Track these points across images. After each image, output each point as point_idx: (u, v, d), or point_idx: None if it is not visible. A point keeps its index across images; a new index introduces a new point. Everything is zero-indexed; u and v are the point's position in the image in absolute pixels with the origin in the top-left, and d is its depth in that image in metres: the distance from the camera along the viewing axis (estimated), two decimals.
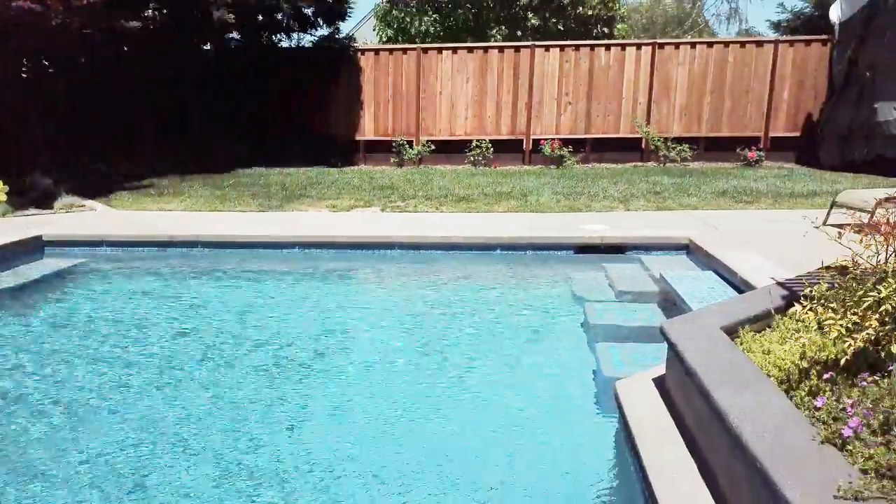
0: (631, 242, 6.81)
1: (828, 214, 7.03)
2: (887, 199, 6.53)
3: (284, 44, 15.62)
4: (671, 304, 5.28)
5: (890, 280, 2.42)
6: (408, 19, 15.99)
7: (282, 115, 14.95)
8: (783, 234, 6.67)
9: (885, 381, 2.22)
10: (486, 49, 14.58)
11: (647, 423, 2.97)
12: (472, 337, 5.10)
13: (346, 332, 5.34)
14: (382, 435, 3.65)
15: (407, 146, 14.47)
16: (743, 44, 14.14)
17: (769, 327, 3.34)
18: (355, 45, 14.99)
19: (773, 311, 3.35)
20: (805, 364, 2.71)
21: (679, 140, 13.82)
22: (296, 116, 14.99)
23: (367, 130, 15.05)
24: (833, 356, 2.63)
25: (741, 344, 3.10)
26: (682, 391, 2.94)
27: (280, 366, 4.59)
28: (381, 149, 14.85)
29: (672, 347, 3.02)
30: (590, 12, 15.88)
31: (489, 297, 6.03)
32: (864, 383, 2.29)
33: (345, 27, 16.36)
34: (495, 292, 6.18)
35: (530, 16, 15.51)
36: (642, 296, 5.58)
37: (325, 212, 8.74)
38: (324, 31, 15.53)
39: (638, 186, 9.93)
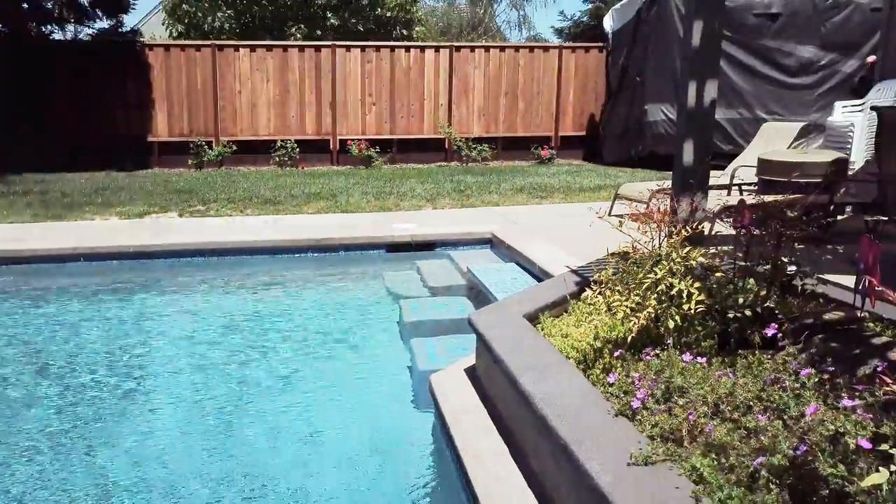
0: (439, 239, 7.01)
1: (611, 206, 7.72)
2: (659, 191, 7.34)
3: (58, 36, 14.11)
4: (479, 295, 5.52)
5: (664, 262, 2.71)
6: (200, 14, 15.14)
7: (59, 115, 13.47)
8: (575, 225, 7.23)
9: (664, 353, 2.48)
10: (285, 48, 14.23)
11: (461, 413, 3.07)
12: (287, 343, 4.94)
13: (143, 349, 4.93)
14: (192, 445, 3.42)
15: (206, 147, 13.71)
16: (532, 49, 15.15)
17: (566, 312, 3.60)
18: (142, 39, 13.92)
19: (568, 297, 3.62)
20: (598, 344, 2.95)
21: (479, 140, 14.49)
22: (78, 117, 13.58)
23: (161, 131, 14.04)
24: (621, 335, 2.89)
25: (542, 329, 3.31)
26: (491, 379, 3.08)
27: (68, 389, 4.13)
28: (177, 150, 13.92)
29: (480, 337, 3.15)
30: (388, 14, 16.12)
31: (303, 301, 5.89)
32: (648, 357, 2.55)
33: (130, 21, 15.13)
34: (309, 295, 6.04)
35: (329, 15, 15.39)
36: (452, 289, 5.77)
37: (115, 219, 8.02)
38: (104, 23, 14.26)
39: (444, 185, 10.25)
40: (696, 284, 2.64)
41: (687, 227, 2.89)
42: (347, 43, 14.55)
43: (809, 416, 1.79)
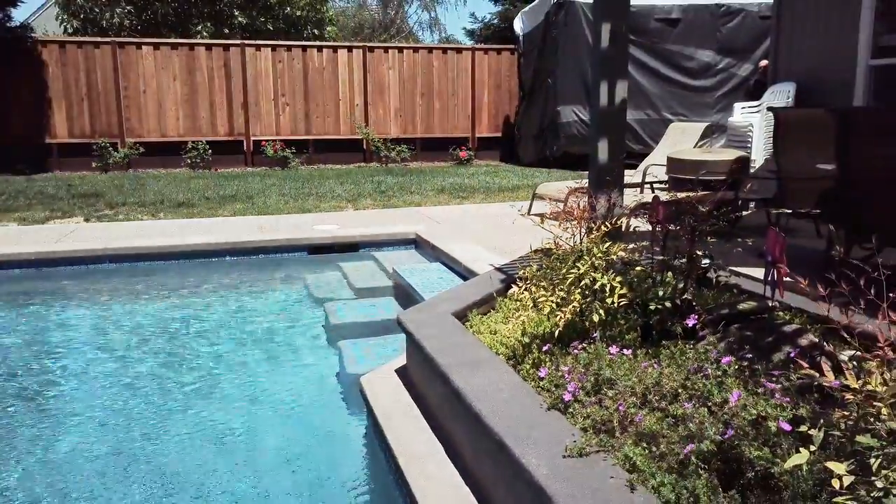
0: (363, 240, 6.95)
1: (530, 205, 7.89)
2: (576, 189, 7.54)
3: None
4: (406, 295, 5.49)
5: (586, 258, 2.78)
6: (97, 10, 14.40)
7: None
8: (496, 224, 7.33)
9: (592, 346, 2.54)
10: (192, 46, 13.75)
11: (393, 413, 3.05)
12: (206, 351, 4.77)
13: (45, 363, 4.64)
14: (115, 459, 3.25)
15: (111, 149, 13.07)
16: (445, 50, 15.26)
17: (494, 309, 3.64)
18: (34, 35, 13.11)
19: (495, 294, 3.66)
20: (526, 339, 3.00)
21: (397, 141, 14.47)
22: None
23: (60, 132, 13.28)
24: (548, 329, 2.95)
25: (471, 327, 3.33)
26: (423, 377, 3.07)
27: None
28: (79, 152, 13.21)
29: (410, 336, 3.14)
30: (298, 13, 15.84)
31: (222, 307, 5.69)
32: (576, 351, 2.61)
33: (19, 15, 14.19)
34: (229, 302, 5.85)
35: (237, 13, 14.98)
36: (379, 290, 5.72)
37: (14, 226, 7.52)
38: None
39: (364, 186, 10.16)
40: (618, 279, 2.73)
41: (606, 224, 2.98)
42: (257, 42, 14.21)
43: (733, 402, 1.88)
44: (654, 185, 7.75)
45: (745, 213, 6.74)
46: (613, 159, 3.85)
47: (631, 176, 8.38)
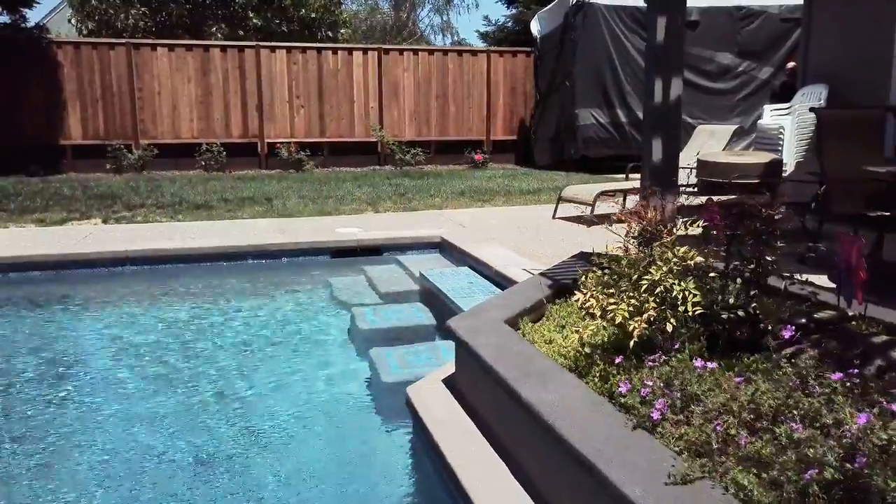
0: (387, 243, 6.76)
1: (556, 208, 7.70)
2: (603, 193, 7.35)
3: None
4: (435, 301, 5.30)
5: (659, 263, 2.59)
6: (111, 11, 14.27)
7: None
8: (522, 227, 7.14)
9: (674, 359, 2.35)
10: (206, 47, 13.62)
11: (446, 425, 2.86)
12: (230, 361, 4.56)
13: (68, 368, 4.46)
14: (142, 471, 3.06)
15: (125, 150, 12.93)
16: (460, 52, 15.09)
17: (544, 317, 3.45)
18: (49, 36, 12.99)
19: (545, 301, 3.47)
20: (587, 350, 2.80)
21: (412, 144, 14.29)
22: None
23: (75, 134, 13.15)
24: (609, 339, 2.76)
25: (524, 336, 3.14)
26: (478, 389, 2.88)
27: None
28: (94, 154, 13.07)
29: (463, 346, 2.95)
30: (313, 14, 15.69)
31: (245, 313, 5.50)
32: (651, 363, 2.41)
33: (34, 16, 14.09)
34: (251, 306, 5.66)
35: (251, 15, 14.83)
36: (406, 295, 5.53)
37: (32, 227, 7.36)
38: (4, 18, 13.26)
39: (382, 189, 9.99)
40: (693, 285, 2.54)
41: (675, 226, 2.78)
42: (272, 44, 14.07)
43: (861, 424, 1.68)
44: (684, 189, 7.55)
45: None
46: (668, 160, 3.66)
47: None
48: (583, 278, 3.03)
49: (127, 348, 4.73)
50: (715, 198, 5.81)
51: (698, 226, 3.16)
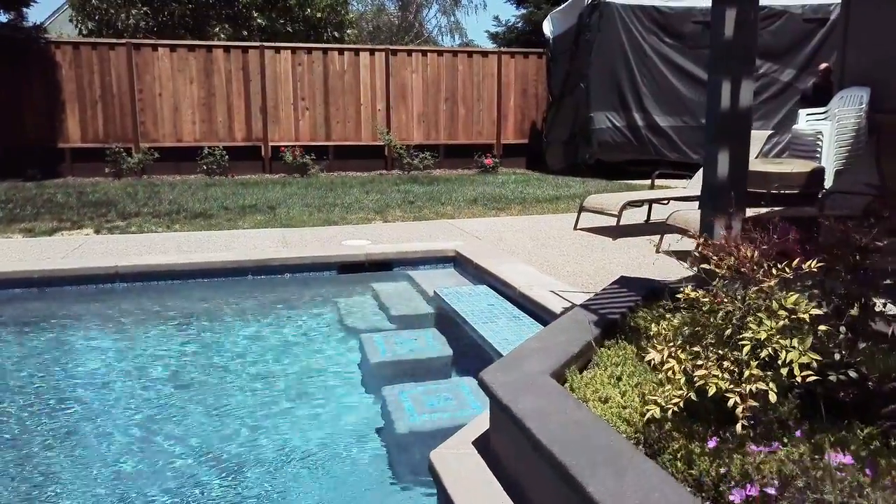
0: (397, 257, 6.18)
1: (577, 219, 7.12)
2: (630, 204, 6.76)
3: None
4: (451, 325, 4.73)
5: (760, 315, 2.00)
6: (112, 11, 13.73)
7: None
8: (542, 240, 6.57)
9: (803, 447, 1.76)
10: (209, 48, 13.07)
11: None
12: (219, 402, 3.95)
13: (54, 399, 3.89)
14: None
15: (125, 154, 12.39)
16: (470, 53, 14.51)
17: (591, 362, 2.87)
18: (47, 36, 12.45)
19: (594, 344, 2.89)
20: (656, 414, 2.22)
21: (420, 147, 13.73)
22: None
23: (74, 136, 12.62)
24: (688, 401, 2.18)
25: (574, 391, 2.56)
26: (524, 466, 2.31)
27: None
28: (93, 157, 12.54)
29: (503, 409, 2.37)
30: (318, 14, 15.12)
31: (242, 340, 4.91)
32: (762, 448, 1.82)
33: (35, 16, 13.56)
34: (249, 333, 5.06)
35: (255, 15, 14.27)
36: (418, 319, 4.96)
37: (18, 238, 6.81)
38: (2, 17, 12.74)
39: (391, 196, 9.42)
40: (808, 344, 1.95)
41: (779, 267, 2.19)
42: (277, 44, 13.51)
43: None
44: (695, 197, 6.96)
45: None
46: (735, 175, 3.08)
47: (685, 188, 7.60)
48: (643, 321, 2.45)
49: (105, 379, 4.16)
50: (755, 211, 5.18)
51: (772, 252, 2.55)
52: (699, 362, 1.99)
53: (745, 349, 1.92)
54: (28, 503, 2.88)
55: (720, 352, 2.02)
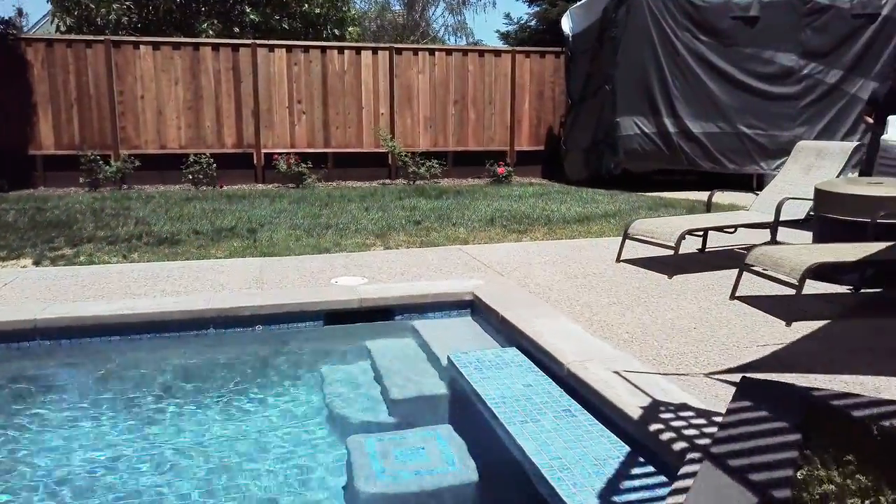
0: (399, 302, 4.78)
1: (621, 249, 5.73)
2: (691, 231, 5.36)
3: None
4: (475, 415, 3.35)
5: None
6: (92, 5, 12.36)
7: None
8: (581, 276, 5.17)
9: None
10: (196, 46, 11.70)
11: None
12: None
13: None
14: None
15: (101, 162, 11.03)
16: (482, 53, 13.11)
17: None
18: (15, 32, 11.11)
19: None
20: None
21: (427, 155, 12.35)
22: None
23: (46, 143, 11.28)
24: None
25: None
26: None
27: None
28: (68, 165, 11.19)
29: None
30: (317, 10, 13.72)
31: (185, 435, 3.51)
32: None
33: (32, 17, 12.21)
34: (199, 423, 3.62)
35: (248, 10, 12.88)
36: (429, 404, 3.59)
37: None
38: None
39: (394, 213, 8.04)
40: None
41: None
42: (270, 42, 12.14)
43: None
44: (778, 224, 5.56)
45: None
46: None
47: (746, 208, 6.19)
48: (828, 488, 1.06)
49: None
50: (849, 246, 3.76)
51: None
52: None
53: None
54: None
55: None
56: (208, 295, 4.73)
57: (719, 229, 5.46)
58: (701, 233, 5.47)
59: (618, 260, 5.72)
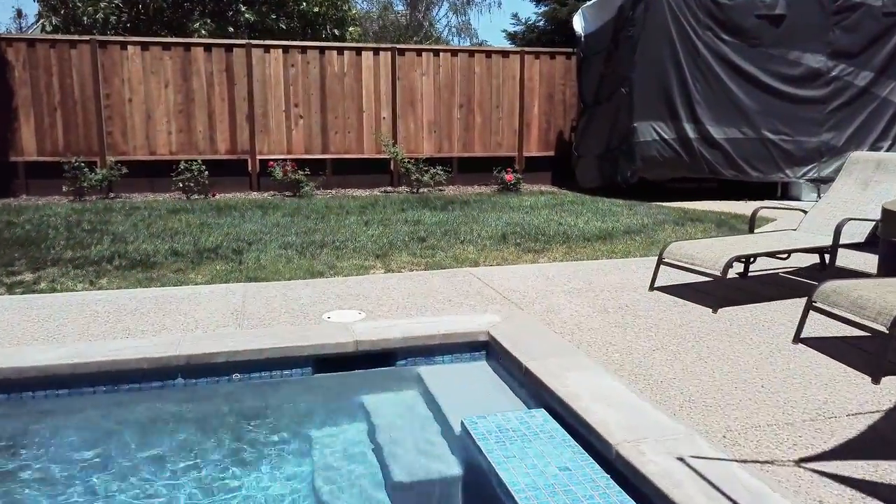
0: (402, 345, 4.04)
1: (654, 275, 4.99)
2: (738, 258, 4.61)
3: None
4: None
5: None
6: (79, 4, 11.64)
7: None
8: (612, 309, 4.42)
9: None
10: (187, 46, 10.97)
11: None
12: None
13: None
14: None
15: (86, 169, 10.31)
16: (489, 53, 12.36)
17: None
18: None
19: None
20: None
21: (431, 161, 11.61)
22: None
23: (28, 149, 10.57)
24: None
25: None
26: None
27: None
28: (51, 173, 10.49)
29: None
30: (316, 9, 12.98)
31: None
32: None
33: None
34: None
35: (243, 9, 12.14)
36: (440, 488, 2.85)
37: None
38: None
39: (396, 228, 7.30)
40: None
41: None
42: (265, 42, 11.41)
43: None
44: (836, 248, 4.82)
45: None
46: None
47: (794, 230, 5.44)
48: None
49: None
50: None
51: None
52: None
53: None
54: None
55: None
56: (177, 336, 3.98)
57: (771, 255, 4.71)
58: (751, 260, 4.71)
59: (651, 288, 4.97)
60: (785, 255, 4.76)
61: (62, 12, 11.84)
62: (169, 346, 3.80)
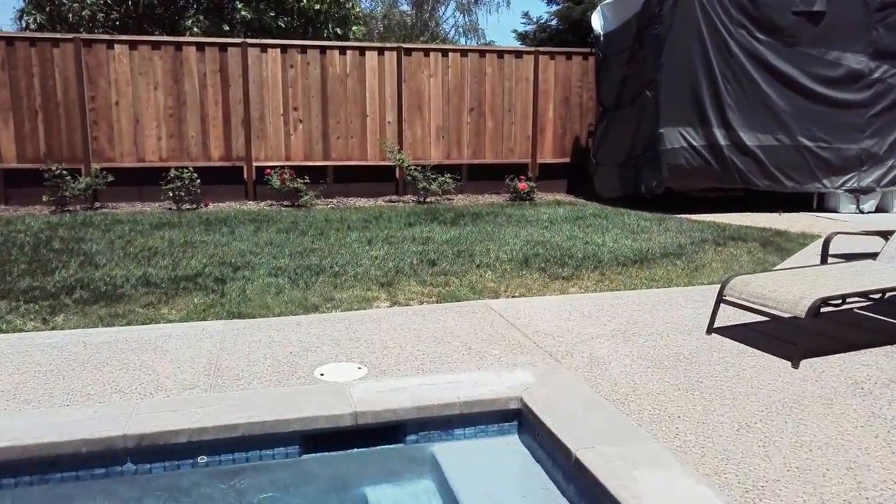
0: (413, 416, 3.17)
1: (713, 316, 4.11)
2: (830, 298, 3.72)
3: None
4: None
5: None
6: (65, 1, 10.80)
7: None
8: (669, 362, 3.53)
9: None
10: (179, 45, 10.13)
11: None
12: None
13: None
14: None
15: (69, 177, 9.49)
16: (501, 54, 11.48)
17: None
18: None
19: None
20: None
21: (439, 168, 10.76)
22: None
23: (8, 155, 9.75)
24: None
25: None
26: None
27: None
28: (32, 181, 9.68)
29: None
30: (317, 6, 12.11)
31: None
32: None
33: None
34: None
35: (240, 6, 11.28)
36: None
37: None
38: None
39: (403, 248, 6.43)
40: None
41: None
42: (262, 41, 10.56)
43: None
44: None
45: None
46: None
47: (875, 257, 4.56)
48: None
49: None
50: None
51: None
52: None
53: None
54: None
55: None
56: (129, 405, 3.12)
57: (864, 295, 3.83)
58: (841, 302, 3.82)
59: (709, 331, 4.10)
60: (879, 294, 3.88)
61: (48, 10, 10.99)
62: (118, 419, 2.94)
